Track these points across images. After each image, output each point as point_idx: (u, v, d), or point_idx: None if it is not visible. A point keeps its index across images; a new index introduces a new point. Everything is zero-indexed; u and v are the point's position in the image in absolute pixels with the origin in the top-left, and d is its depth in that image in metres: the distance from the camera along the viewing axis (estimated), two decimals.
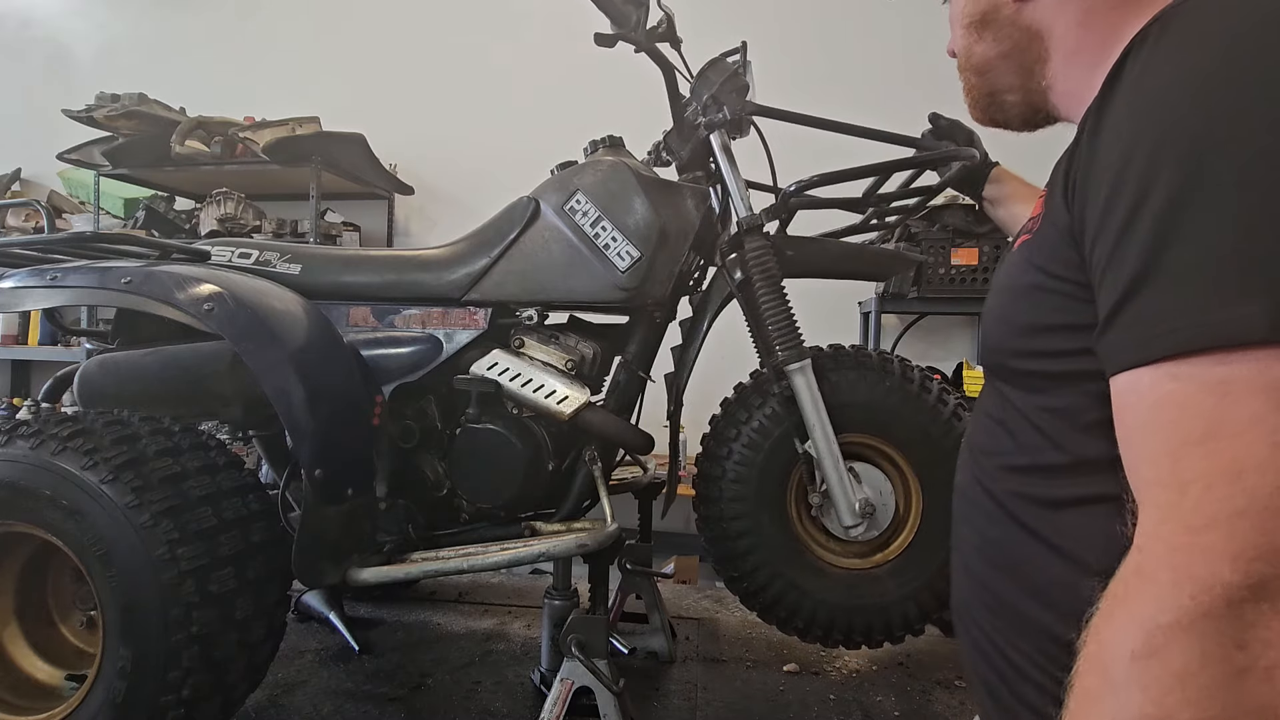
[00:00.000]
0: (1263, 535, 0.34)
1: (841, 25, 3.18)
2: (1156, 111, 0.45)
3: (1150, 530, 0.38)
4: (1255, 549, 0.34)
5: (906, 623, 1.42)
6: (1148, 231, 0.42)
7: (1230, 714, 0.33)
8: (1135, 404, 0.42)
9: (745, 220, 1.41)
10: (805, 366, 1.36)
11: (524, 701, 1.61)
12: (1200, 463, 0.37)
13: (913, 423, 1.39)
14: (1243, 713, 0.33)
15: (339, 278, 1.55)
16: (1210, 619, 0.34)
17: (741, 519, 1.45)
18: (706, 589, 2.36)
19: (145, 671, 1.16)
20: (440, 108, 3.41)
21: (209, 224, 3.10)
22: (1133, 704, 0.35)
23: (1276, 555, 0.34)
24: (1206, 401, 0.37)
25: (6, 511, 1.24)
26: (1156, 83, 0.46)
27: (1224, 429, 0.37)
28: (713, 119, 1.41)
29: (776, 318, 1.38)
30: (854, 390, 1.40)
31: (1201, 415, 0.38)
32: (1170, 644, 0.35)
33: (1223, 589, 0.34)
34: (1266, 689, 0.33)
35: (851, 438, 1.41)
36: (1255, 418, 0.36)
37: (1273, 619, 0.33)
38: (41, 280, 1.42)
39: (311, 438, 1.30)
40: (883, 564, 1.43)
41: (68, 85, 3.76)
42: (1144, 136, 0.44)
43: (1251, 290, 0.37)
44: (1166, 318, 0.40)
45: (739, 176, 1.41)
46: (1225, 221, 0.39)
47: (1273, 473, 0.35)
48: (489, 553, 1.38)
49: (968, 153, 1.21)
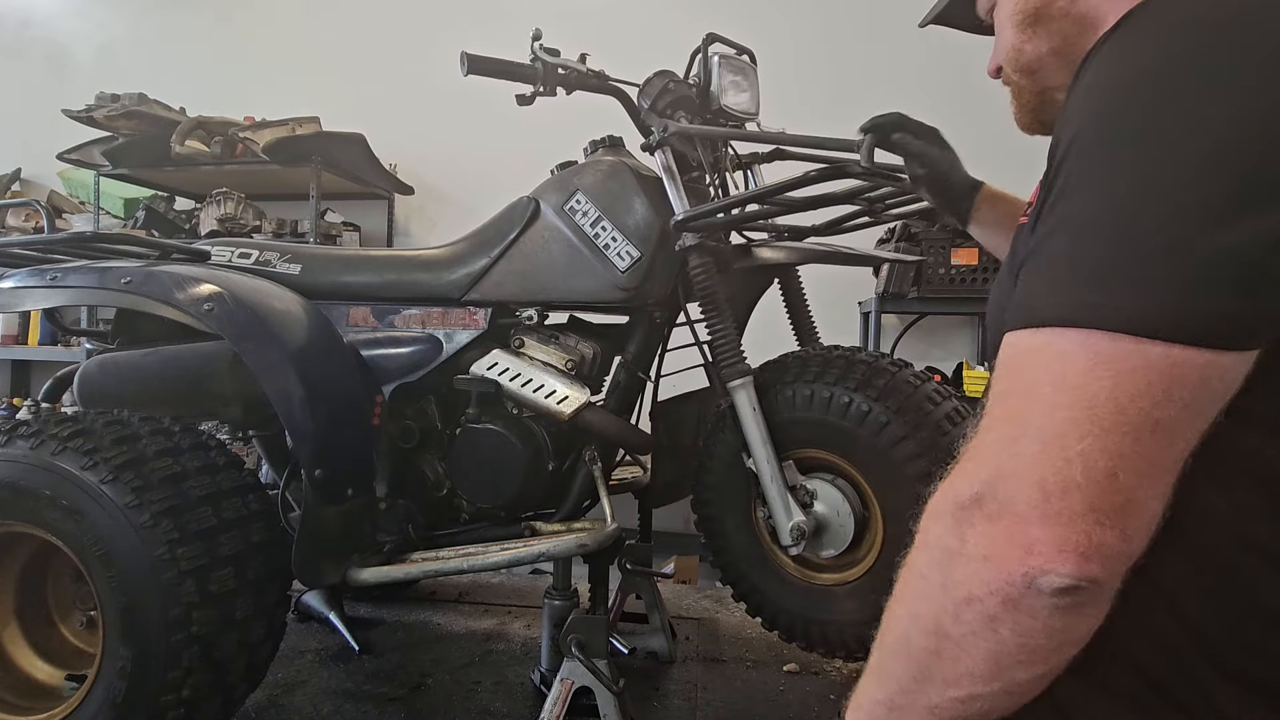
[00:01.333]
0: (988, 466, 0.47)
1: (854, 39, 3.19)
2: (1080, 107, 0.51)
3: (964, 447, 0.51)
4: (987, 474, 0.46)
5: (863, 646, 1.34)
6: (1048, 216, 0.50)
7: (941, 579, 0.48)
8: (1001, 354, 0.51)
9: (681, 242, 1.36)
10: (746, 384, 1.33)
11: (524, 701, 1.61)
12: (996, 407, 0.49)
13: (870, 445, 1.28)
14: (951, 582, 0.47)
15: (339, 278, 1.55)
16: (952, 514, 0.48)
17: (711, 521, 1.47)
18: (706, 589, 2.36)
19: (145, 671, 1.16)
20: (440, 108, 3.41)
21: (209, 224, 3.10)
22: (918, 559, 0.51)
23: (994, 482, 0.46)
24: (1031, 367, 0.47)
25: (6, 511, 1.24)
26: (1088, 79, 0.52)
27: (1020, 386, 0.47)
28: (649, 141, 1.41)
29: (716, 334, 1.36)
30: (810, 405, 1.33)
31: (1020, 374, 0.48)
32: (930, 526, 0.50)
33: (959, 498, 0.48)
34: (964, 568, 0.47)
35: (811, 453, 1.36)
36: (1044, 386, 0.45)
37: (979, 521, 0.46)
38: (41, 280, 1.42)
39: (311, 438, 1.30)
40: (843, 583, 1.37)
41: (68, 85, 3.75)
42: (1067, 129, 0.50)
43: (1093, 285, 0.45)
44: (1032, 296, 0.48)
45: (682, 194, 1.37)
46: (1088, 222, 0.46)
47: (1033, 430, 0.45)
48: (489, 553, 1.38)
49: (851, 160, 1.13)
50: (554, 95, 1.38)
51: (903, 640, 0.52)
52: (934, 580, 0.49)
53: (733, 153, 1.55)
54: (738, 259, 1.45)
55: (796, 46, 3.07)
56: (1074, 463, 0.43)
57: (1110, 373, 0.43)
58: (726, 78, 1.45)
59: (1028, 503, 0.44)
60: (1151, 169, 0.45)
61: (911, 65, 3.02)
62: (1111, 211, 0.45)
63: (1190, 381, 0.43)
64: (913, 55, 2.99)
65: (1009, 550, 0.44)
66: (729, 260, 1.43)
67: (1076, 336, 0.44)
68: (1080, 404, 0.43)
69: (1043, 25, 0.65)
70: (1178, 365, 0.43)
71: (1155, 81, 0.47)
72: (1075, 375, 0.44)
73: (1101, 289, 0.44)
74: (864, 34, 3.18)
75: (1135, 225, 0.44)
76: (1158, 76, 0.47)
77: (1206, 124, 0.44)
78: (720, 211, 1.31)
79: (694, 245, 1.35)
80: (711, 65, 1.44)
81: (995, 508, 0.45)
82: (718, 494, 1.46)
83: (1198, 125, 0.44)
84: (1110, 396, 0.43)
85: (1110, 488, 0.43)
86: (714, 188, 1.48)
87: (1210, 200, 0.43)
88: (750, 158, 1.61)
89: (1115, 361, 0.43)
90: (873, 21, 3.14)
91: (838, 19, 3.21)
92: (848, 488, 1.35)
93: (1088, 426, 0.43)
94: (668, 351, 1.57)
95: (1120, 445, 0.43)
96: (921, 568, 0.51)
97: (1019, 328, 0.48)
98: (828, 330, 1.67)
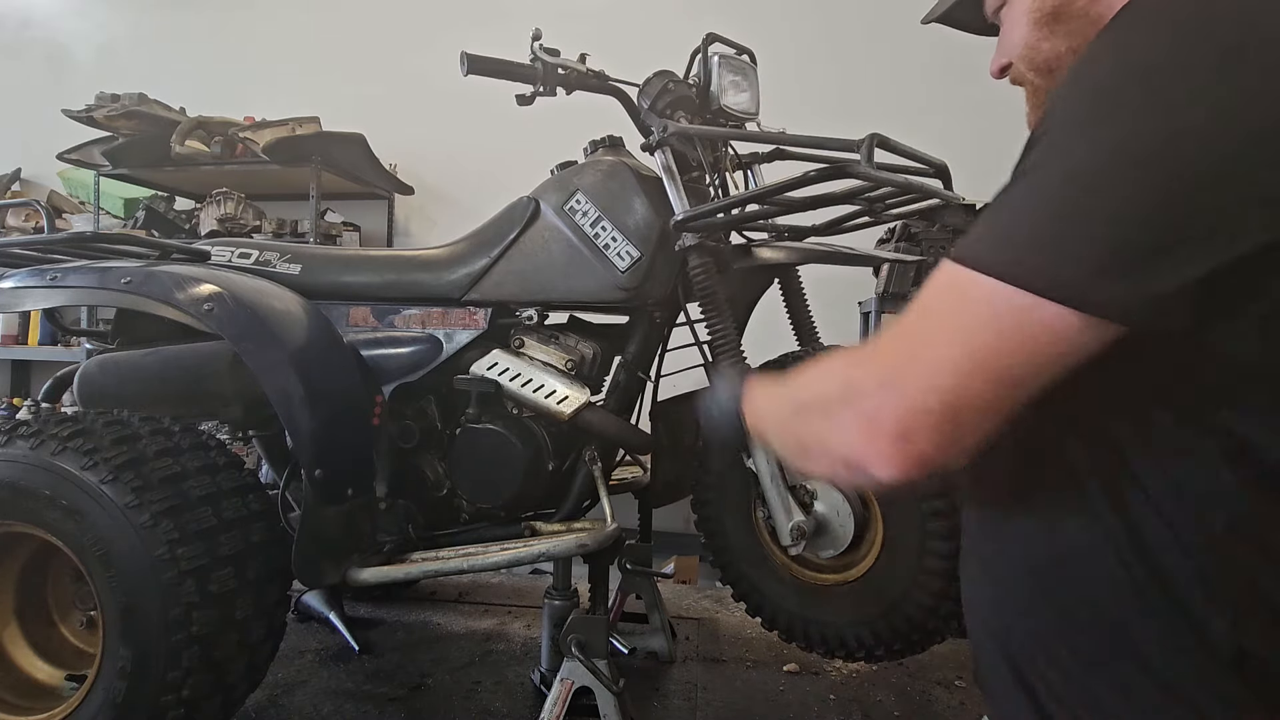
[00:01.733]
0: (881, 369, 0.56)
1: (856, 43, 3.19)
2: (1068, 88, 0.54)
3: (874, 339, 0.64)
4: (877, 376, 0.56)
5: (862, 645, 1.35)
6: (1018, 170, 0.55)
7: (821, 406, 0.61)
8: (935, 273, 0.57)
9: (681, 242, 1.36)
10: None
11: (524, 701, 1.61)
12: (912, 317, 0.56)
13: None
14: (822, 417, 0.60)
15: (339, 278, 1.55)
16: (842, 383, 0.60)
17: (711, 521, 1.47)
18: (706, 589, 2.36)
19: (145, 671, 1.16)
20: (440, 108, 3.41)
21: (209, 224, 3.10)
22: (814, 382, 0.65)
23: (878, 388, 0.55)
24: (945, 298, 0.55)
25: (6, 511, 1.24)
26: (1078, 65, 0.55)
27: (933, 310, 0.55)
28: (649, 141, 1.41)
29: (716, 335, 1.36)
30: None
31: (937, 297, 0.55)
32: (832, 369, 0.64)
33: (853, 381, 0.58)
34: (830, 423, 0.59)
35: None
36: (952, 314, 0.53)
37: (855, 407, 0.56)
38: (41, 280, 1.42)
39: (311, 438, 1.30)
40: (843, 584, 1.37)
41: (68, 85, 3.75)
42: (1053, 103, 0.55)
43: (992, 246, 0.52)
44: (976, 234, 0.54)
45: (681, 194, 1.37)
46: (1040, 195, 0.52)
47: (922, 359, 0.53)
48: (489, 553, 1.38)
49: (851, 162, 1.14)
50: (554, 95, 1.38)
51: (790, 400, 0.69)
52: (815, 402, 0.63)
53: (733, 153, 1.55)
54: (738, 259, 1.45)
55: (796, 46, 3.07)
56: (934, 394, 0.52)
57: (998, 326, 0.50)
58: (726, 78, 1.45)
59: (890, 418, 0.53)
60: (1116, 159, 0.48)
61: (912, 65, 3.02)
62: (1068, 187, 0.50)
63: (1059, 340, 0.49)
64: (913, 55, 2.99)
65: (861, 444, 0.55)
66: (729, 260, 1.43)
67: (989, 285, 0.50)
68: (964, 346, 0.51)
69: (1061, 24, 0.65)
70: (1056, 325, 0.49)
71: (1138, 79, 0.50)
72: (973, 319, 0.51)
73: (1032, 251, 0.50)
74: (864, 34, 3.17)
75: (1081, 209, 0.49)
76: (1142, 74, 0.50)
77: (1174, 137, 0.47)
78: (720, 211, 1.31)
79: (694, 245, 1.35)
80: (711, 65, 1.44)
81: (870, 407, 0.55)
82: (718, 494, 1.46)
83: (1163, 134, 0.47)
84: (991, 346, 0.50)
85: (953, 421, 0.52)
86: (714, 188, 1.48)
87: (1153, 219, 0.47)
88: (750, 158, 1.61)
89: (1008, 316, 0.50)
90: (873, 21, 3.14)
91: (838, 19, 3.21)
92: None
93: (964, 366, 0.51)
94: (668, 351, 1.57)
95: (980, 390, 0.51)
96: (815, 385, 0.64)
97: (956, 258, 0.54)
98: (828, 330, 1.67)
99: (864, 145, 1.10)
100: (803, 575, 1.42)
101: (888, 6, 3.03)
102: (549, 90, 1.36)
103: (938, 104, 2.97)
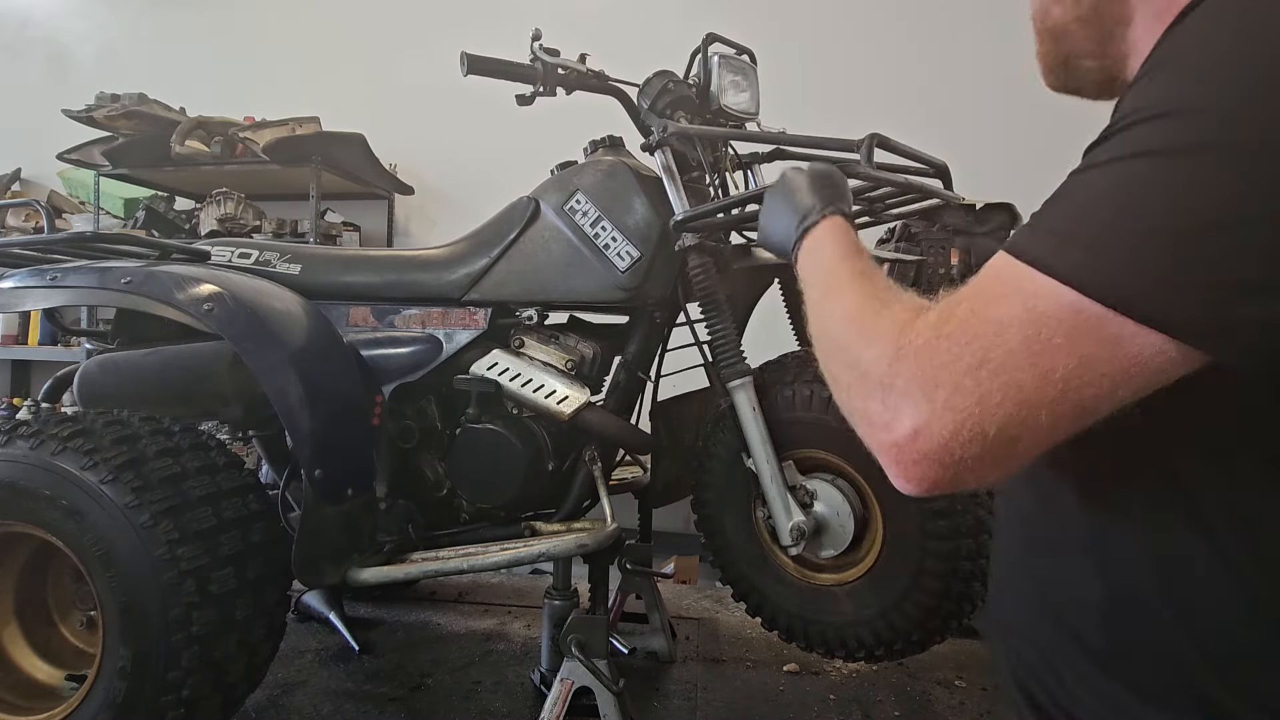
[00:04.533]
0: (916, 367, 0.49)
1: (856, 40, 3.19)
2: (1142, 87, 0.49)
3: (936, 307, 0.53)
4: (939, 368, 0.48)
5: (862, 645, 1.35)
6: (1098, 149, 0.49)
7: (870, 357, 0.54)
8: (989, 264, 0.52)
9: (681, 242, 1.36)
10: (746, 384, 1.33)
11: (524, 701, 1.61)
12: (977, 302, 0.49)
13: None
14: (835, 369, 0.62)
15: (339, 278, 1.55)
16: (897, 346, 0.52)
17: (711, 521, 1.47)
18: (706, 589, 2.36)
19: (145, 671, 1.16)
20: (440, 108, 3.41)
21: (209, 224, 3.10)
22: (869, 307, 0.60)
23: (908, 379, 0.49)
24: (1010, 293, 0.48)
25: (6, 511, 1.24)
26: (1159, 53, 0.50)
27: (996, 300, 0.49)
28: (649, 141, 1.41)
29: (716, 334, 1.36)
30: (810, 405, 1.33)
31: (1002, 290, 0.49)
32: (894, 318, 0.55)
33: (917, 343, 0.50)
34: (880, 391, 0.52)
35: (811, 453, 1.35)
36: (1016, 316, 0.47)
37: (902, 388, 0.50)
38: (41, 280, 1.42)
39: (311, 438, 1.30)
40: (843, 584, 1.37)
41: (68, 85, 3.75)
42: (1149, 91, 0.48)
43: (1069, 248, 0.46)
44: (1023, 235, 0.50)
45: (681, 194, 1.37)
46: (1124, 189, 0.46)
47: (979, 345, 0.47)
48: (489, 553, 1.38)
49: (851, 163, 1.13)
50: (554, 95, 1.38)
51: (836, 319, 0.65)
52: (853, 356, 0.57)
53: (733, 153, 1.55)
54: (738, 259, 1.45)
55: (796, 46, 3.07)
56: (993, 421, 0.46)
57: (1080, 350, 0.45)
58: (726, 78, 1.45)
59: (936, 438, 0.47)
60: (1213, 178, 0.43)
61: (912, 66, 3.02)
62: (1152, 192, 0.44)
63: (1135, 362, 0.44)
64: (913, 56, 2.99)
65: (890, 450, 0.50)
66: (729, 260, 1.43)
67: (1054, 289, 0.46)
68: (1034, 369, 0.45)
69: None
70: (1128, 342, 0.44)
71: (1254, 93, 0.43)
72: (1048, 340, 0.45)
73: (1100, 255, 0.45)
74: (864, 34, 3.17)
75: (1162, 223, 0.43)
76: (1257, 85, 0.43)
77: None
78: (720, 211, 1.31)
79: (694, 245, 1.35)
80: (711, 65, 1.44)
81: (912, 416, 0.49)
82: (718, 494, 1.46)
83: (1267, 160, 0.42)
84: (1072, 373, 0.45)
85: (1008, 449, 0.46)
86: (714, 188, 1.48)
87: (1246, 248, 0.41)
88: (750, 158, 1.61)
89: (1091, 339, 0.44)
90: (873, 21, 3.14)
91: (838, 19, 3.20)
92: (848, 488, 1.34)
93: (1033, 395, 0.45)
94: (668, 351, 1.57)
95: (1045, 420, 0.45)
96: (860, 333, 0.58)
97: (1017, 250, 0.49)
98: None
99: (864, 145, 1.10)
100: (803, 575, 1.42)
101: (888, 6, 3.04)
102: (549, 90, 1.37)
103: (937, 106, 2.97)
